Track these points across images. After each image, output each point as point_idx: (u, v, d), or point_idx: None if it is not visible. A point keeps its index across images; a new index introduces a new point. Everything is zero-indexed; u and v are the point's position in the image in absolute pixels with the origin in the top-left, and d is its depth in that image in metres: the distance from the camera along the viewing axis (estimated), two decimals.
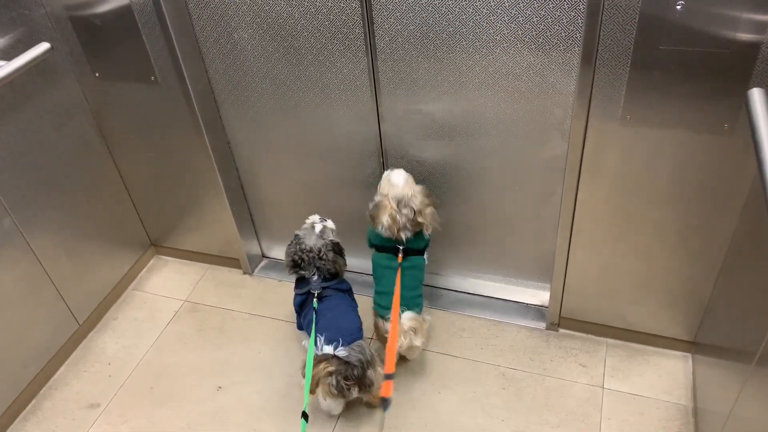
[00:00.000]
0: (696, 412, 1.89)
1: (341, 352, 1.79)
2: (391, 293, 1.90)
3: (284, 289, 2.48)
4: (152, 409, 2.08)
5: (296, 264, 2.01)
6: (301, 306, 2.03)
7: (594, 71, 1.59)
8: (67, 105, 2.11)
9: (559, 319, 2.18)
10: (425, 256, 2.04)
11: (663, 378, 2.03)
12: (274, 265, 2.61)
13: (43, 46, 1.85)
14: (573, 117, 1.69)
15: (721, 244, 1.77)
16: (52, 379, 2.21)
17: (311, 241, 2.00)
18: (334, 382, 1.78)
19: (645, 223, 1.83)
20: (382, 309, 1.98)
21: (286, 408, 2.05)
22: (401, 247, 1.94)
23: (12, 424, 2.06)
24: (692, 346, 2.07)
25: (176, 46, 1.90)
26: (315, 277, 1.99)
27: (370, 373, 1.83)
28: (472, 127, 1.90)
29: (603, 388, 2.02)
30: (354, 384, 1.81)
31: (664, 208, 1.78)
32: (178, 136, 2.17)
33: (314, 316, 1.90)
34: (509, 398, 2.01)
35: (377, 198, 1.96)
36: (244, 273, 2.57)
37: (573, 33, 1.62)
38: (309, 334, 1.87)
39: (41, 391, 2.16)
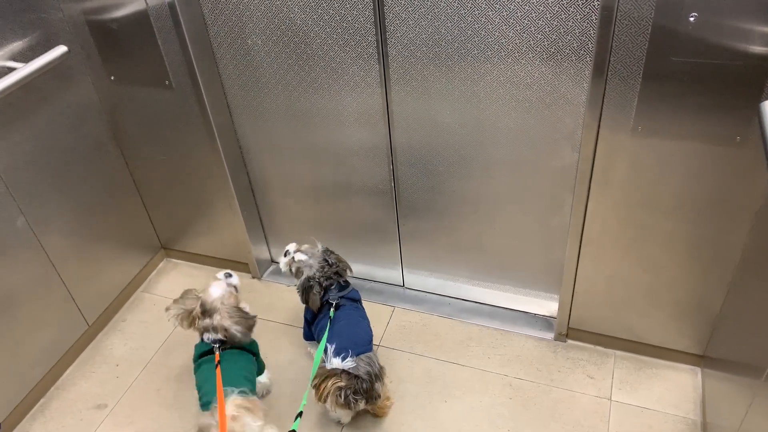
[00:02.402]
0: (705, 427, 1.88)
1: (349, 363, 1.79)
2: (210, 388, 1.77)
3: (292, 295, 2.48)
4: (159, 411, 2.09)
5: (308, 290, 2.01)
6: (314, 316, 2.04)
7: (606, 82, 1.59)
8: (82, 108, 2.13)
9: (567, 330, 2.17)
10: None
11: (671, 391, 2.01)
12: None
13: (60, 50, 1.88)
14: (584, 127, 1.69)
15: (732, 257, 1.76)
16: (61, 379, 2.22)
17: (311, 268, 2.02)
18: (343, 397, 1.79)
19: (655, 235, 1.82)
20: (204, 405, 1.78)
21: (293, 413, 2.04)
22: (217, 346, 1.87)
23: (20, 423, 2.08)
24: (701, 359, 2.05)
25: (191, 52, 1.93)
26: (333, 288, 2.01)
27: (377, 386, 1.84)
28: (482, 135, 1.91)
29: (611, 400, 2.00)
30: (362, 398, 1.81)
31: (674, 220, 1.77)
32: (191, 141, 2.18)
33: (329, 324, 1.91)
34: (516, 408, 2.00)
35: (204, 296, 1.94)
36: (253, 277, 2.58)
37: (585, 43, 1.62)
38: (319, 342, 1.88)
39: (49, 391, 2.18)
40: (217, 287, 1.93)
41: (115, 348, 2.33)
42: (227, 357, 1.86)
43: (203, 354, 1.88)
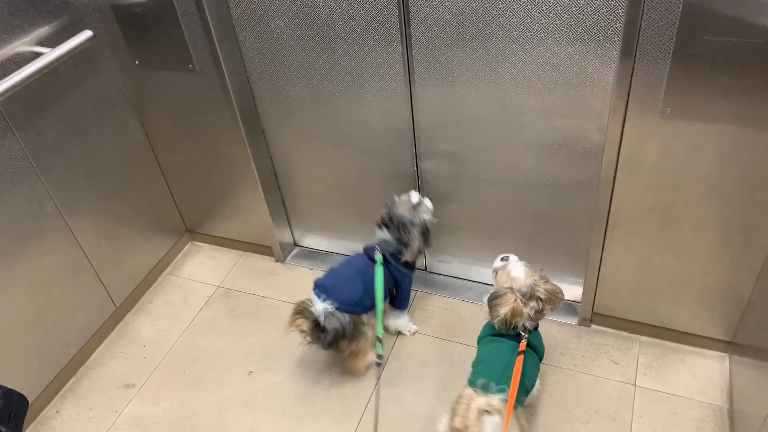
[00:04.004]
0: (732, 414, 1.85)
1: (328, 309, 1.87)
2: (495, 370, 1.65)
3: (315, 278, 2.49)
4: (185, 391, 2.13)
5: (383, 224, 2.04)
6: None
7: (634, 63, 1.55)
8: (108, 92, 2.15)
9: (591, 315, 2.15)
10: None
11: (698, 378, 1.99)
12: (306, 253, 2.63)
13: (86, 34, 1.90)
14: (611, 109, 1.65)
15: (763, 244, 1.72)
16: (90, 359, 2.27)
17: (401, 210, 2.01)
18: (304, 336, 1.93)
19: (683, 220, 1.78)
20: (469, 381, 1.68)
21: (315, 394, 2.07)
22: (525, 334, 1.72)
23: (52, 401, 2.14)
24: (729, 346, 2.02)
25: (214, 35, 1.93)
26: (389, 238, 2.03)
27: (343, 343, 1.92)
28: (507, 118, 1.88)
29: (635, 385, 1.99)
30: (324, 346, 1.91)
31: (703, 205, 1.73)
32: (215, 124, 2.20)
33: (381, 273, 1.97)
34: (539, 393, 1.99)
35: (499, 288, 1.77)
36: (277, 261, 2.60)
37: (613, 23, 1.58)
38: (322, 288, 1.94)
39: (79, 371, 2.23)
40: (516, 268, 1.75)
41: (142, 329, 2.38)
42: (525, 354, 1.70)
43: (499, 335, 1.75)
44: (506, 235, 2.20)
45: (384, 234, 2.05)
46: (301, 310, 1.91)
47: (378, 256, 2.00)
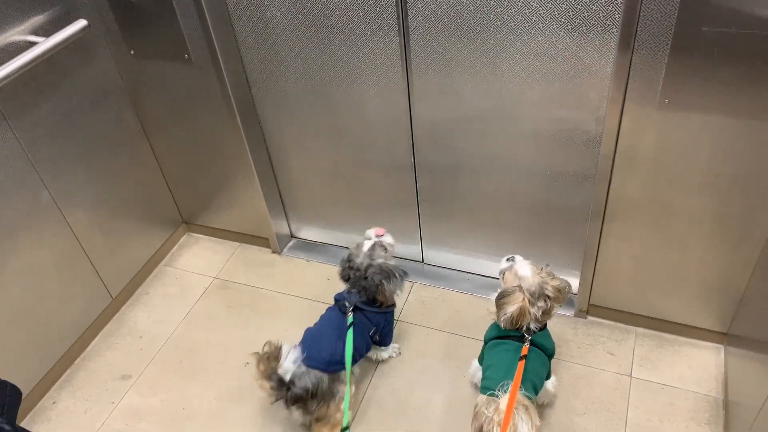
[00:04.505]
0: (727, 405, 1.86)
1: (297, 369, 1.73)
2: (503, 375, 1.64)
3: (312, 269, 2.50)
4: (181, 383, 2.13)
5: (345, 279, 1.95)
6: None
7: (632, 54, 1.54)
8: (104, 83, 2.14)
9: (587, 307, 2.16)
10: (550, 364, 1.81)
11: (693, 369, 2.00)
12: (302, 245, 2.63)
13: (80, 23, 1.88)
14: (609, 101, 1.65)
15: (760, 236, 1.72)
16: (86, 350, 2.27)
17: (360, 260, 1.91)
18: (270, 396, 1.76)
19: (681, 212, 1.78)
20: (484, 388, 1.67)
21: None
22: (529, 336, 1.71)
23: (48, 392, 2.13)
24: (725, 337, 2.02)
25: (210, 25, 1.91)
26: (354, 292, 1.90)
27: (312, 404, 1.76)
28: (504, 109, 1.87)
29: (631, 377, 1.99)
30: (293, 405, 1.77)
31: (701, 197, 1.73)
32: (211, 115, 2.18)
33: (351, 334, 1.81)
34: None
35: (507, 287, 1.75)
36: (273, 252, 2.60)
37: (611, 13, 1.57)
38: (302, 347, 1.80)
39: (76, 362, 2.23)
40: (523, 267, 1.73)
41: (138, 321, 2.37)
42: (529, 355, 1.68)
43: (499, 337, 1.75)
44: (503, 226, 2.20)
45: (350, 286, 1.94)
46: (266, 362, 1.75)
47: (349, 317, 1.85)
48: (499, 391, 1.57)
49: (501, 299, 1.72)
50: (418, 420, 1.95)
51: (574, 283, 2.19)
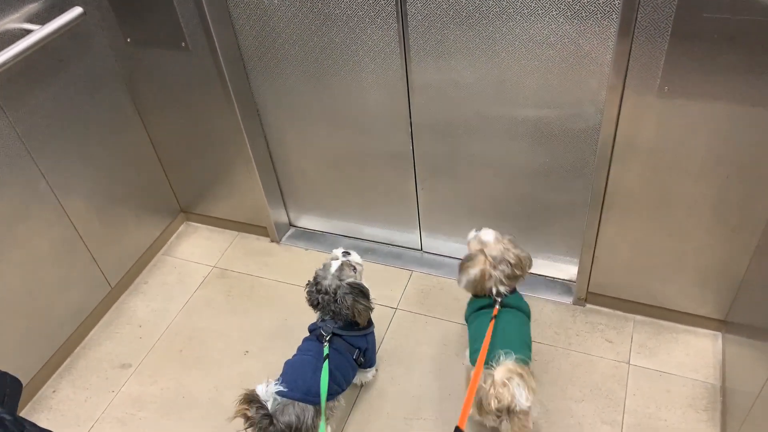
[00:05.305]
0: (724, 391, 1.87)
1: (277, 401, 1.62)
2: (493, 345, 1.66)
3: (310, 258, 2.50)
4: (181, 371, 2.14)
5: (314, 306, 1.84)
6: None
7: (632, 40, 1.53)
8: (100, 71, 2.12)
9: (586, 294, 2.16)
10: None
11: (691, 356, 2.00)
12: (301, 234, 2.62)
13: (76, 11, 1.87)
14: (608, 88, 1.64)
15: (758, 223, 1.72)
16: (86, 339, 2.27)
17: (327, 282, 1.79)
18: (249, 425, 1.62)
19: (679, 200, 1.78)
20: (475, 360, 1.67)
21: None
22: (499, 299, 1.77)
23: (48, 381, 2.14)
24: (723, 324, 2.03)
25: (206, 12, 1.90)
26: (328, 319, 1.81)
27: None
28: (503, 97, 1.86)
29: (629, 364, 2.00)
30: None
31: (699, 185, 1.73)
32: (208, 103, 2.17)
33: (327, 365, 1.70)
34: (534, 372, 2.00)
35: (470, 252, 1.83)
36: (272, 241, 2.60)
37: (611, 0, 1.56)
38: (282, 379, 1.69)
39: (75, 350, 2.24)
40: (486, 233, 1.81)
41: (138, 309, 2.38)
42: (505, 316, 1.73)
43: (481, 308, 1.78)
44: (502, 214, 2.20)
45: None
46: (250, 401, 1.62)
47: (324, 348, 1.74)
48: (491, 362, 1.58)
49: (464, 263, 1.80)
50: (417, 406, 1.96)
51: (573, 271, 2.20)
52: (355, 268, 1.86)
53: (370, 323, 1.90)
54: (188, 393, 2.07)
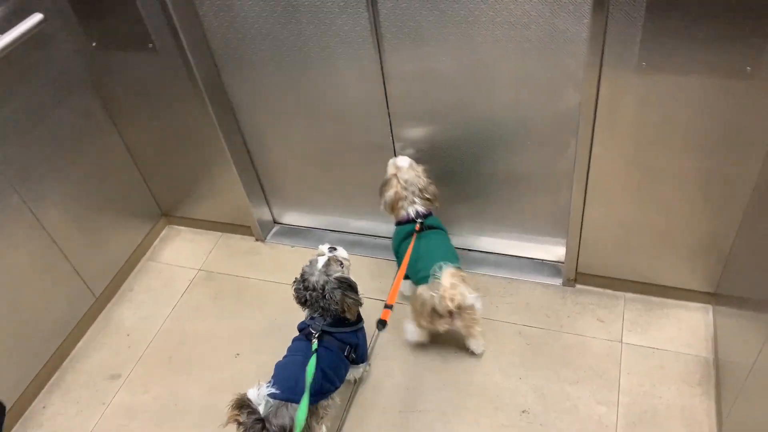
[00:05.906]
0: (717, 364, 1.87)
1: (270, 404, 1.58)
2: (428, 261, 1.83)
3: (297, 255, 2.47)
4: (172, 378, 2.11)
5: (302, 303, 1.81)
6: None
7: (607, 16, 1.50)
8: (67, 77, 2.06)
9: (575, 275, 2.15)
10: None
11: (683, 331, 2.00)
12: (286, 231, 2.59)
13: (36, 18, 1.80)
14: (586, 66, 1.61)
15: (744, 193, 1.71)
16: (73, 351, 2.24)
17: (315, 278, 1.76)
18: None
19: (663, 175, 1.77)
20: (421, 279, 1.85)
21: None
22: (419, 220, 1.99)
23: (38, 396, 2.10)
24: (713, 297, 2.03)
25: (171, 10, 1.84)
26: (317, 316, 1.77)
27: None
28: (481, 81, 1.83)
29: (622, 342, 2.00)
30: None
31: (683, 159, 1.71)
32: (181, 104, 2.12)
33: (314, 359, 1.66)
34: (526, 356, 2.00)
35: (387, 177, 2.04)
36: (257, 240, 2.56)
37: None
38: (273, 381, 1.65)
39: (63, 364, 2.20)
40: (402, 160, 2.01)
41: (125, 318, 2.34)
42: (429, 235, 1.96)
43: (408, 235, 1.98)
44: (485, 198, 2.18)
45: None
46: (241, 406, 1.59)
47: (313, 344, 1.71)
48: (435, 273, 1.77)
49: (382, 187, 2.03)
50: (413, 399, 1.94)
51: (561, 252, 2.18)
52: (342, 263, 1.84)
53: (359, 319, 1.88)
54: (181, 400, 2.04)
